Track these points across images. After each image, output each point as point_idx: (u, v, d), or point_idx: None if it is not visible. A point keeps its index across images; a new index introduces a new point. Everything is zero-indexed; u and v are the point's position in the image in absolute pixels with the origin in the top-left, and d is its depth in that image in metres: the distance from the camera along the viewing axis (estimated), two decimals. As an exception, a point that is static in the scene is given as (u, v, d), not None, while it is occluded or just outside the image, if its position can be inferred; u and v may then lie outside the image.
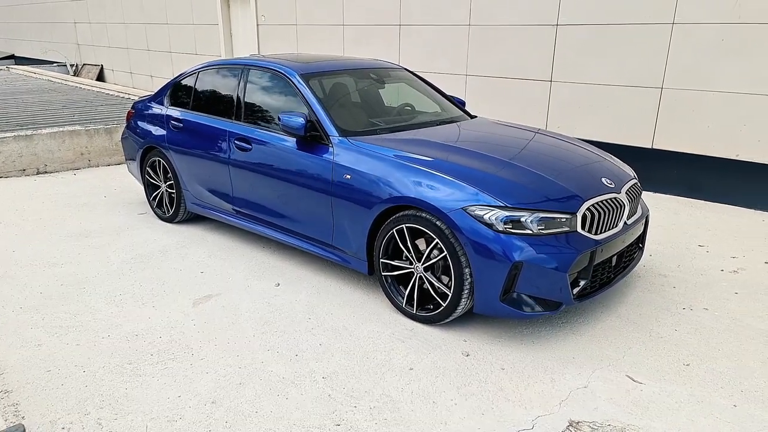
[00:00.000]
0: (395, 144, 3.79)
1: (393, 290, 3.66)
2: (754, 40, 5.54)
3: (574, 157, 3.87)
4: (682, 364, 3.12)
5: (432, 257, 3.40)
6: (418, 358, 3.16)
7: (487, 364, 3.12)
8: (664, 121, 6.26)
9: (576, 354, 3.23)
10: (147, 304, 3.74)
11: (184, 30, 13.30)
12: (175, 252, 4.64)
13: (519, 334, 3.44)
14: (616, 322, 3.58)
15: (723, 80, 5.80)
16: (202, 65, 5.12)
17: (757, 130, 5.71)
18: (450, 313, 3.37)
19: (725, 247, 4.81)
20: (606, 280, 3.56)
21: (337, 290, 3.98)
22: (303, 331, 3.43)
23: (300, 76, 4.25)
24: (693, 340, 3.36)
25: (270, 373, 2.98)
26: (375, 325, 3.51)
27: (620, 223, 3.52)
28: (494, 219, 3.14)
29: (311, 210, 3.98)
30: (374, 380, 2.95)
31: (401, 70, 5.14)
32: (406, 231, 3.47)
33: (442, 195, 3.30)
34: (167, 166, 5.18)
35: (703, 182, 6.14)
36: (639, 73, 6.32)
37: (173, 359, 3.10)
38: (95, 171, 7.44)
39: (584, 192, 3.37)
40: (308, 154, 3.96)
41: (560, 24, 6.80)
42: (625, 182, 3.69)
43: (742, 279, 4.19)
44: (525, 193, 3.27)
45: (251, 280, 4.14)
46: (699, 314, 3.67)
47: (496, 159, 3.60)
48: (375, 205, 3.57)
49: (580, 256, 3.19)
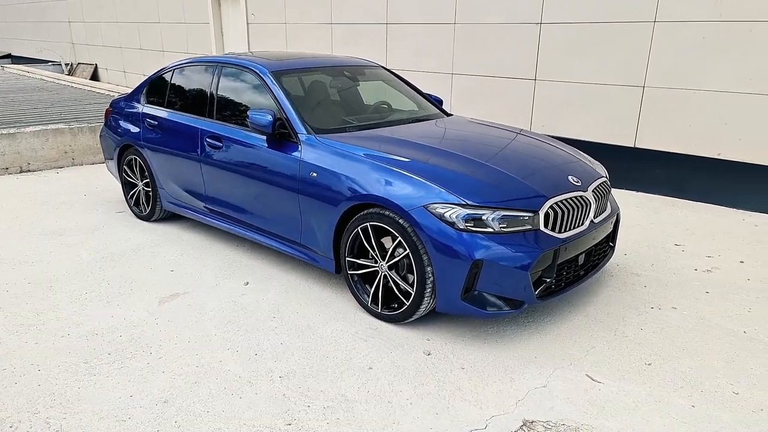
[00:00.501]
0: (363, 142, 3.76)
1: (359, 289, 3.64)
2: (734, 38, 5.51)
3: (542, 156, 3.84)
4: (644, 364, 3.10)
5: (396, 255, 3.38)
6: (378, 357, 3.14)
7: (447, 363, 3.10)
8: (647, 120, 6.23)
9: (538, 353, 3.20)
10: (112, 303, 3.72)
11: (176, 29, 13.29)
12: (148, 250, 4.62)
13: (483, 332, 3.42)
14: (582, 320, 3.56)
15: (704, 78, 5.77)
16: (176, 63, 5.10)
17: (738, 128, 5.68)
18: (413, 311, 3.34)
19: (702, 246, 4.78)
20: (572, 279, 3.53)
21: (306, 289, 3.96)
22: (266, 330, 3.41)
23: (271, 74, 4.23)
24: (657, 340, 3.34)
25: (227, 372, 2.96)
26: (339, 324, 3.49)
27: (586, 221, 3.49)
28: (455, 217, 3.12)
29: (280, 208, 3.96)
30: (332, 380, 2.93)
31: (378, 68, 5.11)
32: (370, 229, 3.44)
33: (405, 193, 3.27)
34: (143, 165, 5.16)
35: (685, 181, 6.11)
36: (621, 72, 6.29)
37: (130, 358, 3.08)
38: (78, 169, 7.43)
39: (548, 190, 3.34)
40: (277, 152, 3.94)
41: (544, 22, 6.77)
42: (593, 181, 3.66)
43: (715, 278, 4.16)
44: (487, 192, 3.24)
45: (221, 278, 4.12)
46: (667, 313, 3.65)
47: (462, 157, 3.57)
48: (340, 203, 3.55)
49: (542, 255, 3.17)
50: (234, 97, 4.47)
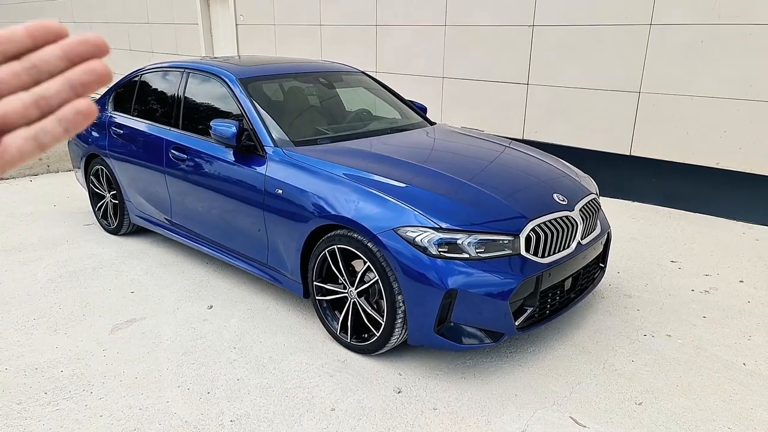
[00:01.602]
0: (333, 156, 3.48)
1: (328, 316, 3.36)
2: (733, 42, 5.23)
3: (527, 172, 3.56)
4: (633, 403, 2.82)
5: (366, 281, 3.11)
6: (343, 396, 2.86)
7: (419, 403, 2.82)
8: (642, 127, 5.95)
9: (519, 390, 2.92)
10: (60, 331, 3.44)
11: (165, 30, 13.02)
12: (109, 268, 4.34)
13: (461, 366, 3.14)
14: (569, 351, 3.28)
15: (702, 84, 5.49)
16: (145, 67, 4.82)
17: (737, 137, 5.40)
18: (384, 343, 3.07)
19: (699, 263, 4.50)
20: (558, 306, 3.25)
21: (274, 314, 3.68)
22: (224, 363, 3.13)
23: (238, 81, 3.95)
24: (650, 374, 3.06)
25: (172, 417, 2.68)
26: (305, 356, 3.21)
27: (573, 243, 3.21)
28: (427, 242, 2.84)
29: (246, 227, 3.69)
30: (288, 424, 2.65)
31: (358, 74, 4.83)
32: (338, 252, 3.17)
33: (373, 214, 3.00)
34: (110, 175, 4.88)
35: (682, 191, 5.83)
36: (615, 77, 6.01)
37: (68, 398, 2.80)
38: (53, 177, 7.15)
39: (530, 211, 3.06)
40: (243, 167, 3.66)
41: (536, 25, 6.48)
42: (580, 198, 3.37)
43: (712, 300, 3.88)
44: (463, 213, 2.96)
45: (183, 301, 3.84)
46: (660, 342, 3.37)
47: (438, 174, 3.29)
48: (306, 223, 3.27)
49: (523, 282, 2.89)
50: (200, 106, 4.19)
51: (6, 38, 0.43)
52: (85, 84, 0.44)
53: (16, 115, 0.42)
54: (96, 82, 0.45)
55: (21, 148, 0.42)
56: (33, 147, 0.43)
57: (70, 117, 0.44)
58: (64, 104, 0.44)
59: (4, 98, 0.43)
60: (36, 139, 0.43)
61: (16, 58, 0.43)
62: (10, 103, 0.42)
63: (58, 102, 0.44)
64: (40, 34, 0.44)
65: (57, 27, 0.44)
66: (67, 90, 0.44)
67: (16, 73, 0.43)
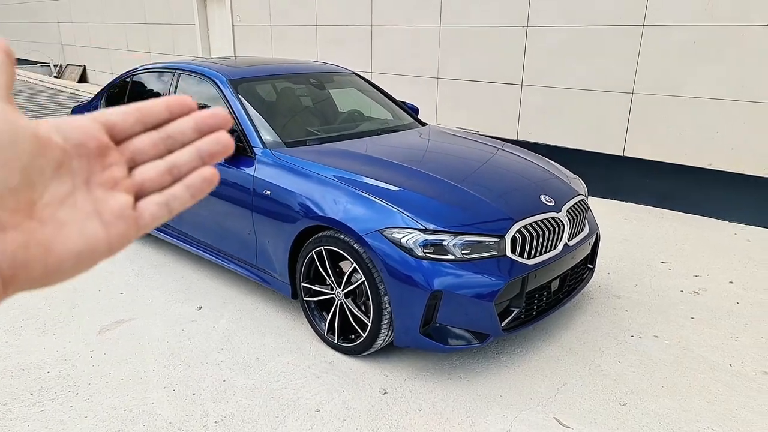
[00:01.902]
0: (322, 157, 3.49)
1: (316, 317, 3.37)
2: (726, 42, 5.23)
3: (515, 174, 3.57)
4: (618, 404, 2.83)
5: (353, 282, 3.11)
6: (329, 397, 2.87)
7: (404, 404, 2.83)
8: (635, 128, 5.95)
9: (505, 391, 2.93)
10: (48, 332, 3.45)
11: (163, 30, 13.03)
12: (101, 269, 4.34)
13: (447, 367, 3.14)
14: (556, 352, 3.28)
15: (695, 85, 5.49)
16: (138, 67, 4.83)
17: (730, 137, 5.40)
18: (370, 344, 3.07)
19: (690, 264, 4.50)
20: (545, 307, 3.26)
21: (263, 315, 3.69)
22: (211, 364, 3.14)
23: (228, 82, 3.95)
24: (635, 375, 3.06)
25: (156, 418, 2.69)
26: (292, 357, 3.22)
27: (560, 244, 3.21)
28: (413, 243, 2.85)
29: (236, 228, 3.69)
30: (272, 426, 2.66)
31: (350, 75, 4.84)
32: (325, 253, 3.17)
33: (360, 215, 3.00)
34: (102, 177, 4.88)
35: (675, 192, 5.83)
36: (609, 77, 6.01)
37: (54, 399, 2.80)
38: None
39: (516, 212, 3.06)
40: (232, 167, 3.66)
41: (530, 25, 6.49)
42: (568, 200, 3.37)
43: (701, 301, 3.89)
44: (449, 215, 2.97)
45: (173, 303, 3.85)
46: (647, 343, 3.37)
47: (426, 175, 3.29)
48: (293, 224, 3.28)
49: (508, 284, 2.89)
50: (191, 107, 4.19)
51: (147, 110, 0.47)
52: (212, 154, 0.48)
53: (152, 183, 0.46)
54: (222, 153, 0.48)
55: (154, 214, 0.45)
56: (164, 212, 0.46)
57: (197, 184, 0.47)
58: (192, 172, 0.48)
59: (142, 166, 0.46)
60: (167, 204, 0.46)
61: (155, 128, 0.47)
62: (147, 171, 0.46)
63: (187, 170, 0.47)
64: (176, 108, 0.48)
65: (190, 102, 0.48)
66: (196, 159, 0.48)
67: (154, 143, 0.47)
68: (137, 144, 0.46)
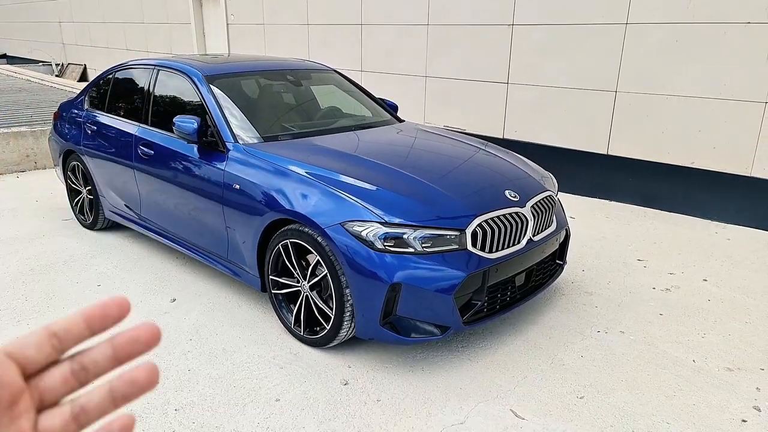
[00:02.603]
0: (291, 152, 3.53)
1: (283, 309, 3.41)
2: (708, 41, 5.25)
3: (483, 170, 3.59)
4: (575, 397, 2.85)
5: (317, 275, 3.15)
6: (290, 387, 2.90)
7: (363, 395, 2.86)
8: (619, 126, 5.97)
9: (465, 384, 2.96)
10: (23, 322, 3.49)
11: (160, 29, 13.10)
12: (80, 262, 4.40)
13: (410, 359, 3.17)
14: (521, 346, 3.31)
15: (677, 83, 5.51)
16: (119, 64, 4.88)
17: (712, 136, 5.42)
18: (333, 336, 3.11)
19: (666, 262, 4.52)
20: (509, 302, 3.28)
21: (234, 308, 3.73)
22: (177, 354, 3.18)
23: (203, 78, 4.00)
24: (596, 369, 3.09)
25: (116, 405, 2.72)
26: (258, 348, 3.26)
27: (523, 239, 3.24)
28: (372, 236, 2.88)
29: (208, 222, 3.74)
30: (231, 413, 2.70)
31: (329, 72, 4.88)
32: (290, 246, 3.21)
33: (322, 208, 3.04)
34: (85, 171, 4.94)
35: (658, 191, 5.85)
36: (593, 76, 6.03)
37: (18, 387, 2.85)
38: (40, 174, 7.22)
39: (478, 207, 3.09)
40: (205, 162, 3.71)
41: (516, 24, 6.52)
42: (533, 195, 3.40)
43: (672, 298, 3.91)
44: (410, 209, 3.00)
45: (148, 294, 3.89)
46: (612, 338, 3.40)
47: (391, 170, 3.33)
48: (261, 217, 3.32)
49: (468, 277, 2.92)
50: (168, 102, 4.24)
51: (65, 333, 0.44)
52: (126, 396, 0.45)
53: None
54: (137, 394, 0.45)
55: None
56: None
57: None
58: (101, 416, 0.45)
59: (48, 411, 0.43)
60: None
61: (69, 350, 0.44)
62: (53, 418, 0.43)
63: (96, 415, 0.44)
64: (97, 323, 0.45)
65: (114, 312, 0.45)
66: (108, 403, 0.44)
67: (65, 379, 0.44)
68: (48, 381, 0.43)
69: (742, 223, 5.37)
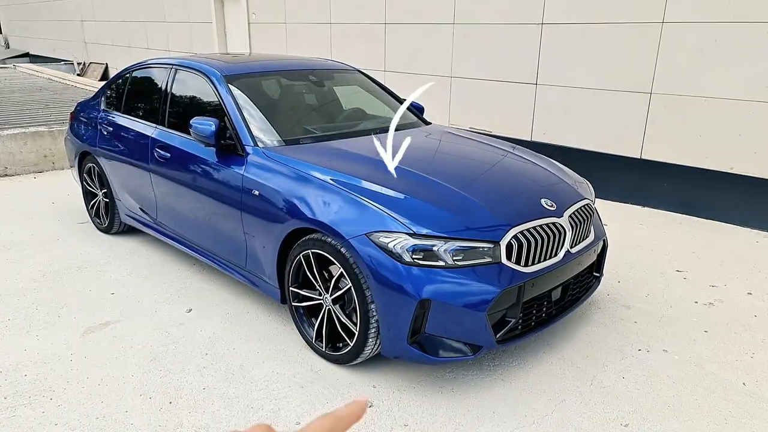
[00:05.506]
0: (312, 157, 3.35)
1: (304, 323, 3.23)
2: (749, 41, 4.98)
3: (517, 177, 3.38)
4: (620, 424, 2.64)
5: (341, 288, 2.97)
6: (311, 410, 2.72)
7: (389, 419, 2.67)
8: (654, 130, 5.71)
9: (498, 407, 2.76)
10: (32, 333, 3.36)
11: (181, 28, 13.04)
12: (94, 268, 4.27)
13: (439, 379, 2.98)
14: (556, 365, 3.10)
15: (716, 85, 5.24)
16: (136, 63, 4.74)
17: (753, 140, 5.14)
18: (358, 353, 2.92)
19: (707, 273, 4.27)
20: (544, 318, 3.07)
21: (253, 320, 3.56)
22: (192, 370, 3.02)
23: (222, 78, 3.84)
24: (639, 392, 2.86)
25: (128, 427, 2.56)
26: (278, 365, 3.08)
27: (561, 251, 3.02)
28: (401, 248, 2.69)
29: (226, 228, 3.57)
30: (248, 437, 2.52)
31: (352, 72, 4.69)
32: (312, 257, 3.03)
33: (347, 217, 2.85)
34: (100, 173, 4.82)
35: (695, 197, 5.58)
36: (626, 77, 5.78)
37: (27, 405, 2.70)
38: (57, 174, 7.14)
39: (513, 217, 2.89)
40: (223, 166, 3.54)
41: (545, 23, 6.28)
42: (571, 204, 3.18)
43: (716, 314, 3.66)
44: (441, 219, 2.80)
45: (162, 304, 3.74)
46: (655, 357, 3.17)
47: (421, 177, 3.13)
48: (281, 225, 3.14)
49: (503, 293, 2.72)
50: (185, 103, 4.09)
51: None
52: None
53: None
54: None
55: None
56: None
57: None
58: None
59: None
60: None
61: None
62: None
63: None
64: None
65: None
66: None
67: None
68: None
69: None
